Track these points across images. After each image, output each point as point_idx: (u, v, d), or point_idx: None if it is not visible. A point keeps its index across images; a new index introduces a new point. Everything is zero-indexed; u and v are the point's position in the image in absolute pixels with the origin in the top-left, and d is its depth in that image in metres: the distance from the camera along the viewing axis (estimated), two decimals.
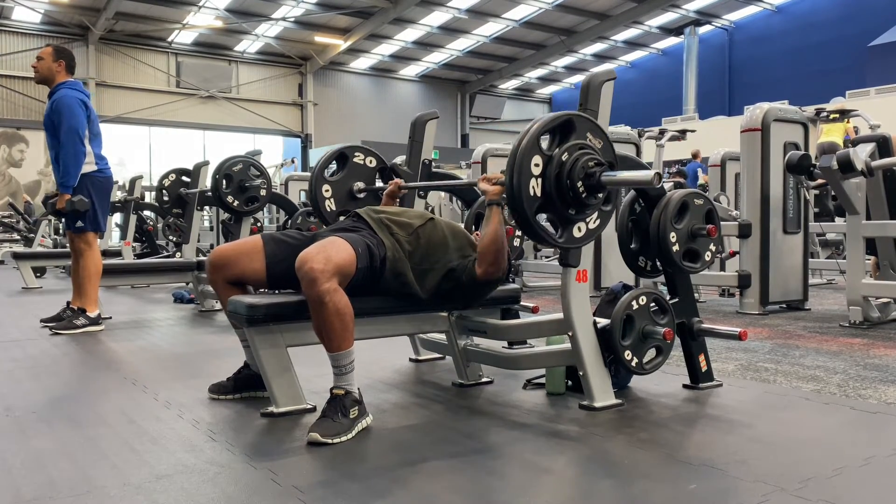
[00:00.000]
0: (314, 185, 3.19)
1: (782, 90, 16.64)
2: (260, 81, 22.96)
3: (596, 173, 2.16)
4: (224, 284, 2.48)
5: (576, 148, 2.18)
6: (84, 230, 4.47)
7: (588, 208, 2.23)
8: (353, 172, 3.30)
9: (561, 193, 2.17)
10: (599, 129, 2.28)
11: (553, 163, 2.15)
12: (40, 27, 19.50)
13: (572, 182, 2.15)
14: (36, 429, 2.30)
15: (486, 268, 2.47)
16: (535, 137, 2.14)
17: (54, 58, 4.44)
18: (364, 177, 3.31)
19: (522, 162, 2.11)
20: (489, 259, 2.46)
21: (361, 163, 3.31)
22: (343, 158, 3.29)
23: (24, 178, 19.64)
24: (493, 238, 2.44)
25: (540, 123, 2.17)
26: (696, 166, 12.43)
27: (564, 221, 2.25)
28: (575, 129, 2.21)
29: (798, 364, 3.35)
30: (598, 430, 2.23)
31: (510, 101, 28.01)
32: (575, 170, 2.15)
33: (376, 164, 3.35)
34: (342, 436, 2.11)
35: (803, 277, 5.44)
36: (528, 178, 2.12)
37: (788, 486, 1.72)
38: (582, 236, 2.30)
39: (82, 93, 4.45)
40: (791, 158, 4.65)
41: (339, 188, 3.24)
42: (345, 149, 3.31)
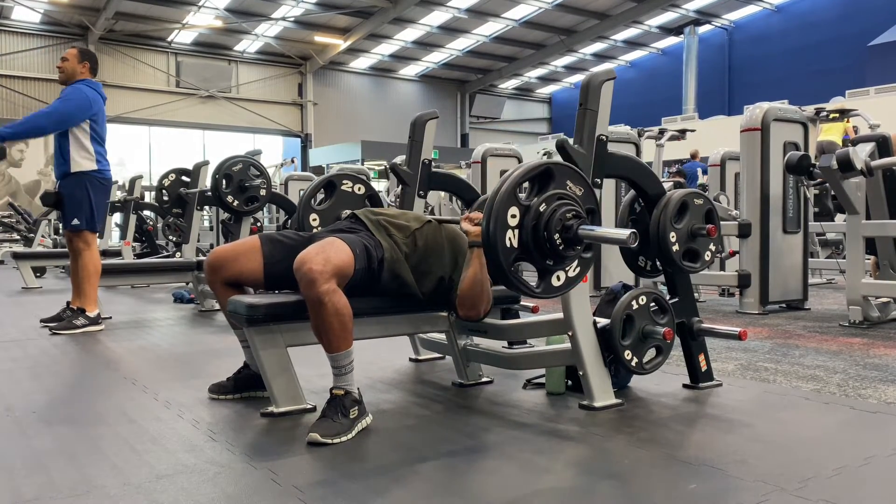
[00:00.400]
0: (301, 214, 3.14)
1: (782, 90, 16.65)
2: (260, 81, 22.96)
3: (573, 226, 2.09)
4: (222, 286, 2.48)
5: (554, 198, 2.11)
6: (80, 229, 4.47)
7: (566, 259, 2.17)
8: (342, 200, 3.24)
9: (538, 245, 2.10)
10: (580, 176, 2.21)
11: (530, 213, 2.08)
12: (40, 27, 19.49)
13: (549, 234, 2.09)
14: (36, 428, 2.30)
15: (465, 311, 2.48)
16: (513, 188, 2.07)
17: (79, 59, 4.51)
18: (352, 204, 3.23)
19: (499, 213, 2.04)
20: (467, 304, 2.45)
21: (350, 190, 3.26)
22: (331, 187, 3.25)
23: (23, 178, 19.64)
24: (471, 283, 2.40)
25: (518, 173, 2.11)
26: (696, 166, 12.43)
27: (542, 271, 2.18)
28: (554, 178, 2.14)
29: (798, 364, 3.35)
30: (597, 429, 2.23)
31: (510, 100, 28.01)
32: (552, 221, 2.08)
33: (365, 192, 3.30)
34: (342, 436, 2.11)
35: (803, 277, 5.44)
36: (505, 229, 2.06)
37: (788, 486, 1.72)
38: (561, 285, 2.23)
39: (99, 94, 4.51)
40: (790, 159, 4.65)
41: (326, 217, 3.17)
42: (333, 177, 3.28)
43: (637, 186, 2.76)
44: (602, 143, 2.49)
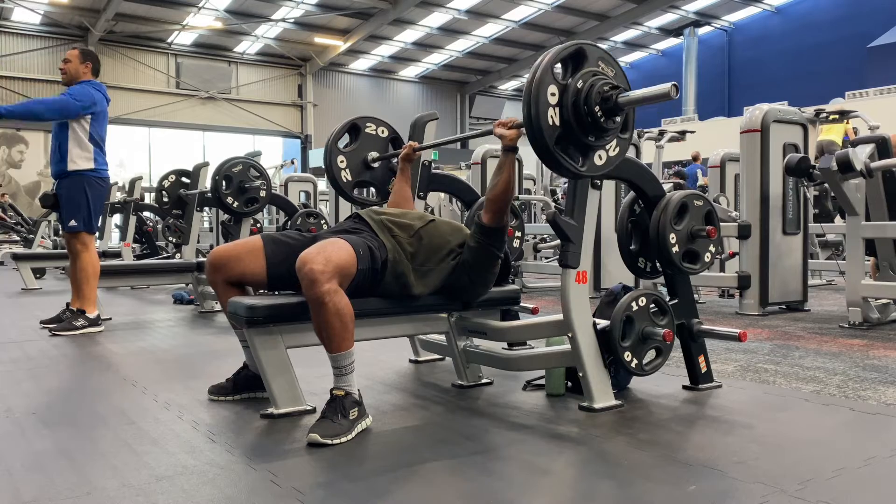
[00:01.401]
0: (328, 156, 3.25)
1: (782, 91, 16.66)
2: (260, 82, 22.97)
3: (613, 96, 2.16)
4: (223, 285, 2.48)
5: (590, 75, 2.19)
6: (77, 230, 4.47)
7: (607, 133, 2.23)
8: (367, 143, 3.34)
9: (579, 120, 2.17)
10: (610, 57, 2.29)
11: (569, 90, 2.16)
12: (40, 28, 19.50)
13: (590, 107, 2.15)
14: (35, 430, 2.30)
15: (493, 213, 2.47)
16: (549, 67, 2.15)
17: (81, 59, 4.53)
18: (377, 146, 3.37)
19: (539, 92, 2.11)
20: (498, 206, 2.46)
21: (374, 133, 3.36)
22: (355, 129, 3.34)
23: (23, 179, 19.64)
24: (505, 186, 2.43)
25: (552, 54, 2.18)
26: (696, 168, 12.44)
27: (584, 149, 2.24)
28: (587, 58, 2.22)
29: (797, 365, 3.35)
30: (597, 431, 2.23)
31: (510, 101, 28.01)
32: (591, 95, 2.15)
33: (388, 134, 3.40)
34: (342, 437, 2.11)
35: (803, 278, 5.44)
36: (546, 107, 2.13)
37: (788, 487, 1.72)
38: (603, 164, 2.30)
39: (104, 95, 4.53)
40: (790, 161, 4.65)
41: (353, 158, 3.29)
42: (356, 120, 3.36)
43: (637, 188, 2.76)
44: None
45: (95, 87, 4.49)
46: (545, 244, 7.79)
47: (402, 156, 3.08)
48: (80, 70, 4.49)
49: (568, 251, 2.43)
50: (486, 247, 2.51)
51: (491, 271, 2.61)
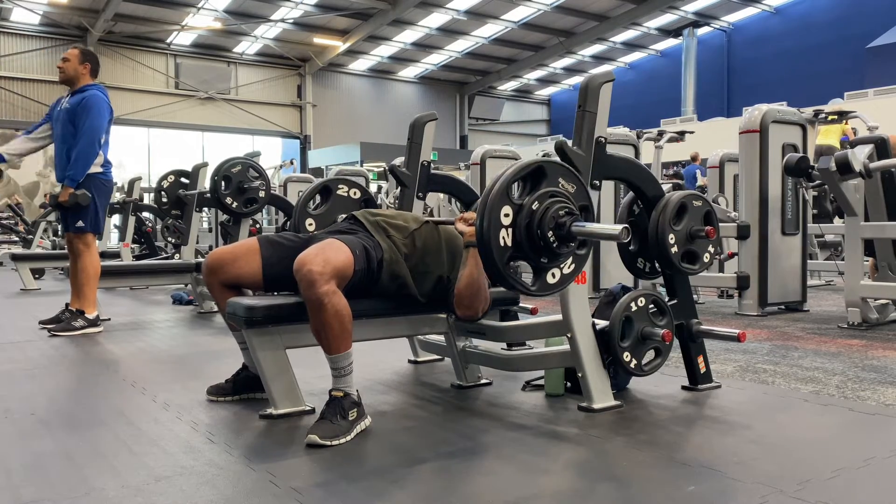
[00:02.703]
0: (297, 218, 3.14)
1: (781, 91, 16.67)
2: (259, 83, 22.98)
3: (566, 223, 2.09)
4: (220, 288, 2.48)
5: (547, 196, 2.12)
6: (84, 231, 4.47)
7: (560, 256, 2.17)
8: (337, 205, 3.22)
9: (532, 243, 2.10)
10: (572, 174, 2.22)
11: (523, 212, 2.09)
12: (39, 28, 19.51)
13: (543, 232, 2.09)
14: (34, 430, 2.30)
15: (462, 311, 2.45)
16: (505, 186, 2.08)
17: (80, 60, 4.51)
18: (348, 208, 3.20)
19: (492, 212, 2.05)
20: (465, 303, 2.43)
21: (345, 195, 3.25)
22: (327, 191, 3.24)
23: (22, 179, 19.63)
24: (468, 283, 2.38)
25: (510, 173, 2.11)
26: (695, 169, 12.44)
27: (537, 269, 2.19)
28: (546, 176, 2.15)
29: (797, 365, 3.35)
30: (596, 431, 2.23)
31: (509, 102, 28.04)
32: (545, 219, 2.09)
33: (360, 196, 3.28)
34: (341, 438, 2.11)
35: (802, 279, 5.44)
36: (499, 227, 2.06)
37: (787, 488, 1.72)
38: (556, 282, 2.22)
39: (106, 97, 4.53)
40: (789, 161, 4.66)
41: (323, 221, 3.16)
42: (328, 182, 3.27)
43: (636, 188, 2.76)
44: (601, 144, 2.49)
45: (102, 91, 4.50)
46: None
47: None
48: (79, 70, 4.48)
49: None
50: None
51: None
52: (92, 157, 4.37)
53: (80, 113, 4.35)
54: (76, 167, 4.34)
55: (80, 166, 4.34)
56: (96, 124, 4.35)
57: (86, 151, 4.35)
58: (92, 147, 4.35)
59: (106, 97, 4.50)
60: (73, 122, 4.38)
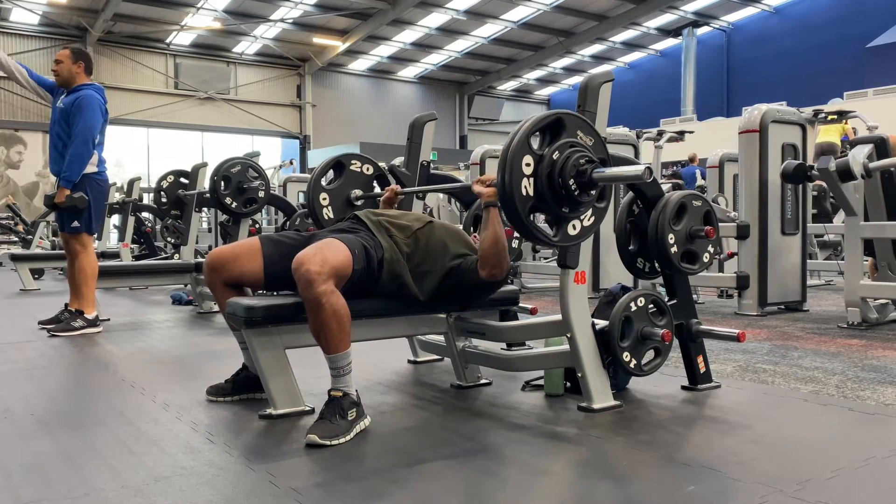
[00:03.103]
0: (311, 193, 3.20)
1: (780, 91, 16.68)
2: (258, 83, 22.97)
3: (587, 170, 2.14)
4: (222, 286, 2.48)
5: (566, 146, 2.17)
6: (79, 231, 4.47)
7: (581, 206, 2.22)
8: (350, 180, 3.30)
9: (553, 192, 2.16)
10: (590, 126, 2.28)
11: (544, 162, 2.14)
12: (38, 29, 19.49)
13: (564, 180, 2.14)
14: (34, 431, 2.30)
15: (489, 270, 2.45)
16: (525, 137, 2.13)
17: (73, 60, 4.50)
18: (361, 184, 3.32)
19: (513, 162, 2.10)
20: (491, 262, 2.44)
21: (358, 170, 3.32)
22: (340, 167, 3.30)
23: (22, 179, 19.63)
24: (493, 240, 2.42)
25: (529, 123, 2.17)
26: (695, 169, 12.45)
27: (559, 220, 2.24)
28: (565, 128, 2.20)
29: (796, 365, 3.35)
30: (596, 431, 2.23)
31: (509, 102, 28.03)
32: (566, 168, 2.14)
33: (373, 172, 3.35)
34: (340, 437, 2.11)
35: (801, 278, 5.44)
36: (520, 177, 2.12)
37: (787, 488, 1.72)
38: (577, 234, 2.29)
39: (104, 99, 4.53)
40: (786, 168, 4.64)
41: (336, 196, 3.24)
42: (341, 157, 3.32)
43: (636, 188, 2.76)
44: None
45: (96, 90, 4.49)
46: None
47: (384, 199, 3.05)
48: (73, 70, 4.47)
49: (567, 251, 2.43)
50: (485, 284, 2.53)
51: (488, 294, 2.67)
52: (86, 157, 4.36)
53: (73, 113, 4.35)
54: (71, 168, 4.33)
55: (76, 167, 4.33)
56: (90, 124, 4.34)
57: (80, 152, 4.33)
58: (86, 147, 4.34)
59: (101, 96, 4.48)
60: (67, 121, 4.37)
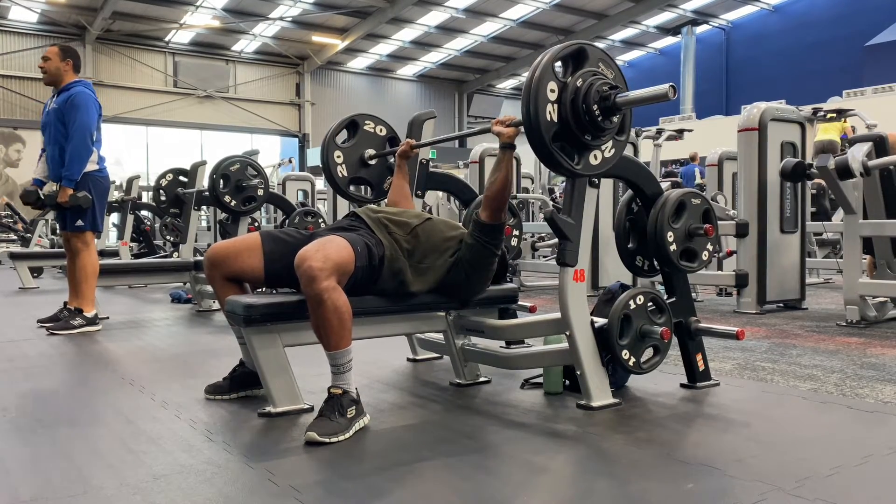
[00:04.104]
0: (326, 151, 3.26)
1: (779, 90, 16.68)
2: (257, 81, 22.95)
3: (611, 96, 2.19)
4: (222, 281, 2.48)
5: (589, 74, 2.22)
6: (83, 229, 4.47)
7: (604, 133, 2.26)
8: (364, 140, 3.36)
9: (577, 118, 2.19)
10: (610, 59, 2.31)
11: (568, 88, 2.18)
12: (37, 27, 19.46)
13: (588, 106, 2.18)
14: (33, 429, 2.29)
15: (491, 211, 2.48)
16: (550, 64, 2.18)
17: (61, 57, 4.48)
18: (374, 144, 3.38)
19: (539, 88, 2.14)
20: (495, 204, 2.47)
21: (372, 131, 3.38)
22: (354, 126, 3.35)
23: (20, 178, 19.60)
24: (503, 183, 2.45)
25: (553, 51, 2.21)
26: (694, 168, 12.46)
27: (581, 147, 2.27)
28: (588, 58, 2.25)
29: (795, 363, 3.36)
30: (595, 429, 2.23)
31: (508, 100, 28.01)
32: (590, 94, 2.18)
33: (386, 133, 3.41)
34: (340, 435, 2.11)
35: (800, 277, 5.45)
36: (545, 103, 2.15)
37: (786, 485, 1.72)
38: (598, 164, 2.33)
39: (93, 93, 4.52)
40: (785, 167, 4.64)
41: (350, 155, 3.31)
42: (355, 117, 3.37)
43: (635, 186, 2.76)
44: None
45: (87, 86, 4.48)
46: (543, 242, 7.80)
47: (400, 152, 3.07)
48: (62, 68, 4.45)
49: (566, 249, 2.43)
50: (484, 244, 2.51)
51: (489, 269, 2.61)
52: (86, 154, 4.35)
53: (68, 111, 4.33)
54: (72, 167, 4.32)
55: (76, 165, 4.33)
56: (86, 121, 4.32)
57: (79, 150, 4.33)
58: (84, 144, 4.33)
59: (92, 93, 4.47)
60: (62, 121, 4.36)
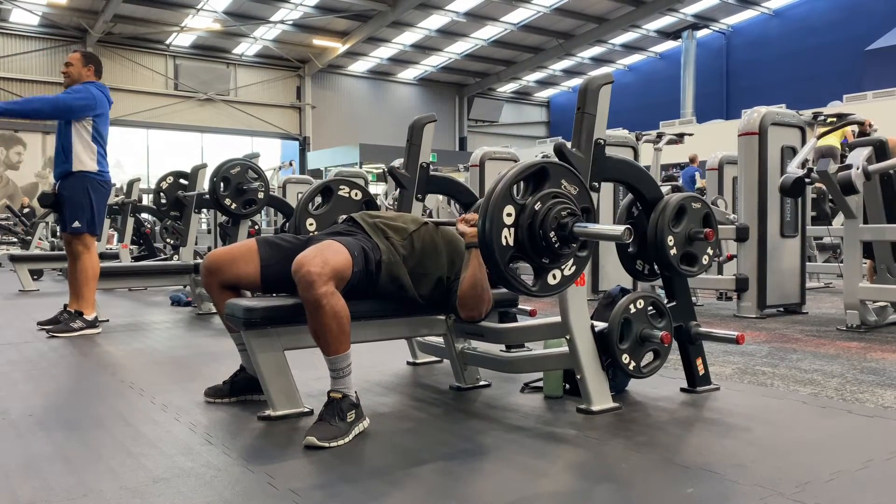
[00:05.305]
0: (298, 218, 3.13)
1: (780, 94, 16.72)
2: (258, 84, 22.99)
3: (568, 224, 2.11)
4: (219, 289, 2.48)
5: (549, 196, 2.13)
6: (81, 232, 4.47)
7: (562, 257, 2.18)
8: (338, 206, 3.22)
9: (534, 243, 2.11)
10: (574, 175, 2.23)
11: (526, 212, 2.10)
12: (38, 30, 19.51)
13: (545, 232, 2.10)
14: (32, 432, 2.29)
15: (467, 312, 2.47)
16: (508, 187, 2.09)
17: (84, 63, 4.54)
18: (349, 209, 3.19)
19: (494, 212, 2.06)
20: (469, 304, 2.44)
21: (347, 196, 3.24)
22: (328, 192, 3.23)
23: (21, 180, 19.63)
24: (471, 283, 2.40)
25: (513, 173, 2.12)
26: (694, 170, 12.46)
27: (538, 270, 2.20)
28: (549, 178, 2.16)
29: (795, 368, 3.35)
30: (595, 433, 2.23)
31: (508, 104, 28.07)
32: (548, 220, 2.10)
33: (362, 197, 3.27)
34: (339, 439, 2.11)
35: (801, 281, 5.44)
36: (501, 227, 2.08)
37: (786, 490, 1.72)
38: (557, 283, 2.23)
39: (106, 97, 4.54)
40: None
41: (323, 221, 3.15)
42: (330, 182, 3.27)
43: (635, 190, 2.76)
44: (600, 146, 2.49)
45: (98, 87, 4.50)
46: None
47: None
48: (83, 73, 4.50)
49: None
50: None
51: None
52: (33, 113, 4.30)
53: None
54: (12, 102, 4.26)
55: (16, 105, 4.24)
56: (66, 98, 4.32)
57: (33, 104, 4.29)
58: (45, 105, 4.30)
59: (104, 93, 4.49)
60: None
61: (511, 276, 2.12)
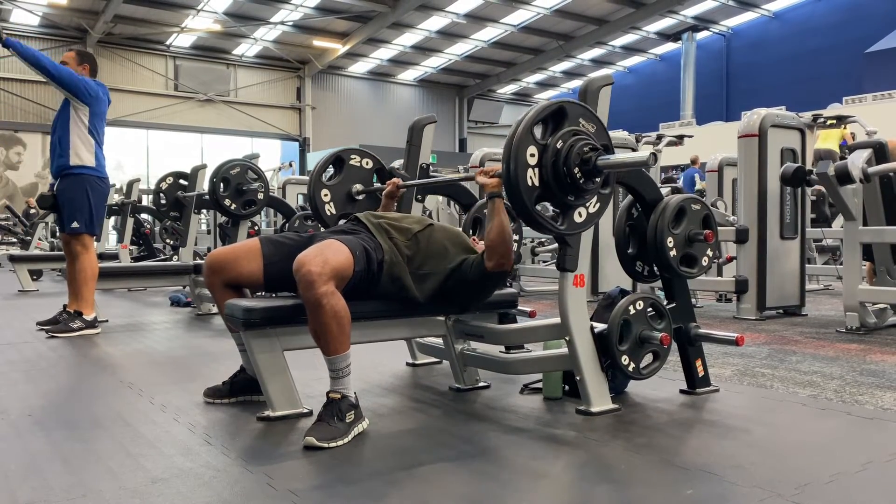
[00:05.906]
0: (313, 190, 3.20)
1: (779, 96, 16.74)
2: (258, 85, 22.98)
3: (592, 158, 2.16)
4: (221, 287, 2.48)
5: (570, 134, 2.19)
6: (79, 232, 4.46)
7: (587, 193, 2.24)
8: (351, 175, 3.30)
9: (558, 181, 2.17)
10: (591, 113, 2.29)
11: (548, 151, 2.16)
12: (38, 30, 19.50)
13: (569, 168, 2.16)
14: (31, 432, 2.29)
15: (496, 260, 2.46)
16: (528, 127, 2.15)
17: (78, 61, 4.54)
18: (361, 179, 3.31)
19: (518, 153, 2.12)
20: (499, 251, 2.45)
21: (358, 165, 3.31)
22: (339, 162, 3.29)
23: (21, 180, 19.62)
24: (499, 230, 2.43)
25: (532, 113, 2.18)
26: (694, 172, 12.47)
27: (564, 208, 2.25)
28: (567, 116, 2.22)
29: (795, 369, 3.35)
30: (594, 434, 2.23)
31: (508, 105, 28.06)
32: (571, 156, 2.16)
33: (373, 166, 3.34)
34: (338, 440, 2.10)
35: (800, 283, 5.45)
36: (525, 168, 2.13)
37: (785, 492, 1.72)
38: (583, 221, 2.31)
39: (105, 94, 4.54)
40: (785, 172, 4.64)
41: (337, 192, 3.24)
42: (341, 152, 3.32)
43: (635, 192, 2.76)
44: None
45: (97, 84, 4.50)
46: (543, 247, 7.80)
47: (386, 192, 3.05)
48: (78, 71, 4.48)
49: (566, 255, 2.43)
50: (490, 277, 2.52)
51: (492, 290, 2.66)
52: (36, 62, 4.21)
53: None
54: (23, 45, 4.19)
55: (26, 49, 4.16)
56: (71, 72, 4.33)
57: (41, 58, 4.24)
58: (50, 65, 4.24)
59: (101, 89, 4.49)
60: (63, 107, 4.40)
61: (538, 216, 2.18)
